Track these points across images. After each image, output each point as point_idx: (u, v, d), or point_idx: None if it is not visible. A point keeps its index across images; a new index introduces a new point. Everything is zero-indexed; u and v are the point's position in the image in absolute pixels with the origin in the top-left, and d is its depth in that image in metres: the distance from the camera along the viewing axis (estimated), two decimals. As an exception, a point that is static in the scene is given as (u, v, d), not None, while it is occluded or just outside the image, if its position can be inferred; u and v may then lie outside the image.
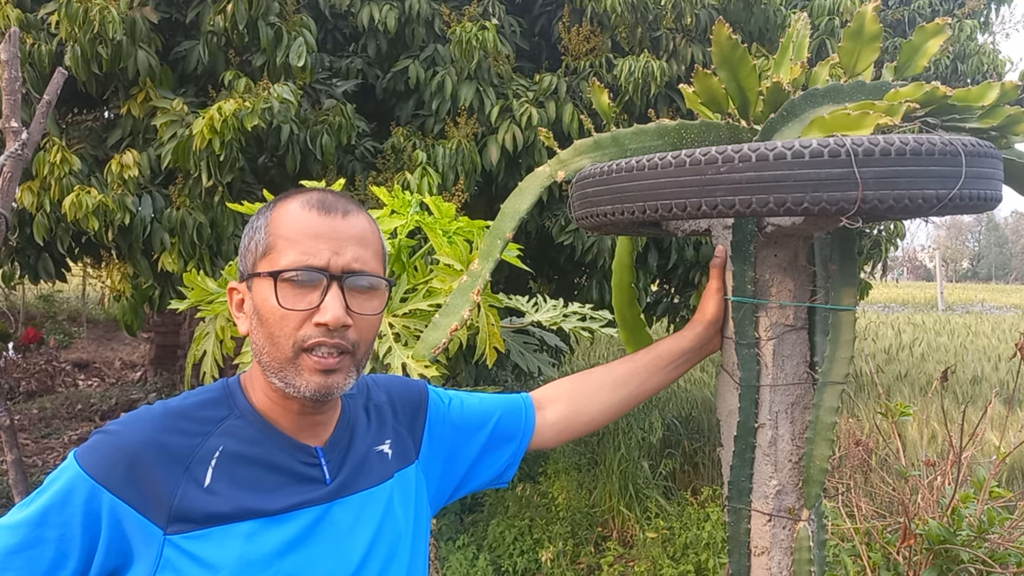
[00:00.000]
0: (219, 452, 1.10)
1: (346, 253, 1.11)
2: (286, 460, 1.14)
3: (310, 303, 1.08)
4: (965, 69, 5.63)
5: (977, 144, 1.19)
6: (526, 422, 1.48)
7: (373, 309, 1.14)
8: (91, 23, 3.46)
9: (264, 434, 1.14)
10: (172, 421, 1.10)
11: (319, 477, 1.16)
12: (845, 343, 1.43)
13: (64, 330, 12.21)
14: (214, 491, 1.07)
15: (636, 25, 4.59)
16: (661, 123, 1.46)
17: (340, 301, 1.09)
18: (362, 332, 1.13)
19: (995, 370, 9.48)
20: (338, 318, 1.08)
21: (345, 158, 4.48)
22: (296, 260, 1.08)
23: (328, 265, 1.09)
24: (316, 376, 1.09)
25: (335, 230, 1.11)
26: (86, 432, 7.36)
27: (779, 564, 1.47)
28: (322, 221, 1.11)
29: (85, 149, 3.97)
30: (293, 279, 1.08)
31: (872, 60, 1.40)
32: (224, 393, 1.17)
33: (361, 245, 1.13)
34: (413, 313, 2.38)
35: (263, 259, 1.11)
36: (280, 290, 1.08)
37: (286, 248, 1.10)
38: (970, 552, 2.47)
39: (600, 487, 5.32)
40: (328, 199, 1.14)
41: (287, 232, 1.10)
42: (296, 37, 3.89)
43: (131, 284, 4.33)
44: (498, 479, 1.48)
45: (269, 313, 1.09)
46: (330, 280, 1.09)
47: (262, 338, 1.11)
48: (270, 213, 1.14)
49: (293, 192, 1.17)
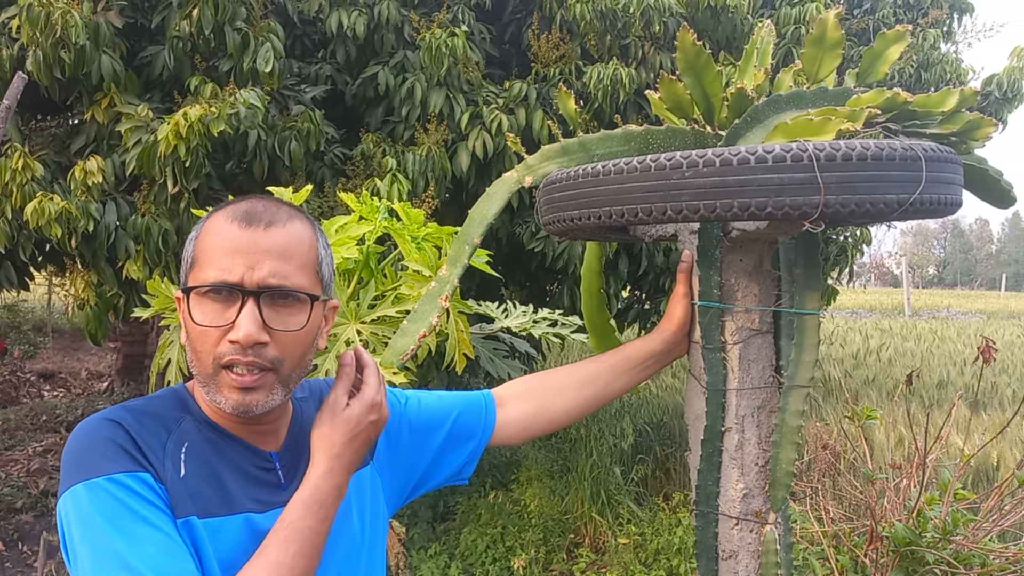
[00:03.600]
0: (186, 446, 1.10)
1: (262, 268, 1.07)
2: (243, 464, 1.14)
3: (227, 319, 1.07)
4: (929, 78, 5.72)
5: (937, 149, 1.21)
6: (486, 419, 1.48)
7: (296, 324, 1.11)
8: (53, 27, 3.40)
9: (220, 438, 1.14)
10: (136, 416, 1.10)
11: (275, 482, 1.16)
12: (810, 347, 1.44)
13: (29, 340, 11.97)
14: (190, 483, 1.07)
15: (605, 33, 4.61)
16: (627, 128, 1.47)
17: (254, 318, 1.06)
18: (285, 348, 1.10)
19: (960, 374, 9.63)
20: (250, 336, 1.05)
21: (314, 164, 4.45)
22: (213, 276, 1.07)
23: (242, 281, 1.06)
24: (234, 393, 1.08)
25: (253, 244, 1.08)
26: (51, 443, 7.23)
27: (747, 568, 1.48)
28: (240, 234, 1.08)
29: (48, 155, 3.91)
30: (210, 295, 1.07)
31: (834, 66, 1.41)
32: (177, 397, 1.17)
33: (282, 259, 1.09)
34: (381, 320, 2.36)
35: (190, 273, 1.11)
36: (199, 306, 1.08)
37: (206, 263, 1.08)
38: (935, 554, 2.49)
39: (572, 494, 5.32)
40: (256, 210, 1.11)
41: (208, 247, 1.09)
42: (263, 43, 3.86)
43: (95, 292, 4.27)
44: (457, 476, 1.48)
45: (191, 328, 1.09)
46: (245, 296, 1.07)
47: (189, 351, 1.11)
48: (201, 226, 1.13)
49: (226, 203, 1.15)
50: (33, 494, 5.92)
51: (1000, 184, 1.49)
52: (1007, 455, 5.37)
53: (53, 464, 6.57)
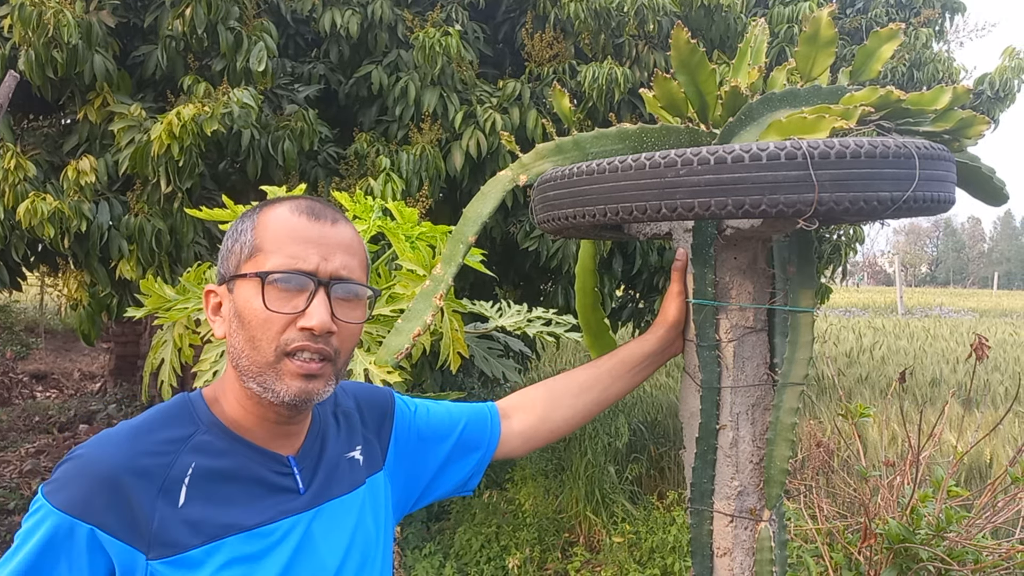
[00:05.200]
0: (191, 470, 1.07)
1: (334, 260, 1.10)
2: (259, 471, 1.13)
3: (295, 307, 1.07)
4: (921, 76, 5.74)
5: (930, 147, 1.21)
6: (492, 431, 1.48)
7: (357, 318, 1.14)
8: (45, 27, 3.39)
9: (234, 446, 1.12)
10: (140, 442, 1.07)
11: (293, 487, 1.15)
12: (804, 344, 1.44)
13: (21, 341, 11.94)
14: (190, 511, 1.05)
15: (599, 32, 4.62)
16: (622, 127, 1.47)
17: (326, 307, 1.08)
18: (344, 340, 1.12)
19: (953, 372, 9.66)
20: (324, 323, 1.07)
21: (308, 164, 4.44)
22: (284, 263, 1.08)
23: (317, 270, 1.09)
24: (297, 381, 1.08)
25: (324, 236, 1.11)
26: (43, 444, 7.20)
27: (741, 565, 1.48)
28: (311, 227, 1.10)
29: (40, 155, 3.89)
30: (280, 282, 1.07)
31: (828, 64, 1.42)
32: (187, 408, 1.14)
33: (349, 253, 1.13)
34: (376, 319, 2.36)
35: (249, 261, 1.10)
36: (267, 292, 1.07)
37: (274, 251, 1.09)
38: (929, 550, 2.50)
39: (567, 493, 5.32)
40: (317, 206, 1.13)
41: (276, 235, 1.10)
42: (256, 42, 3.85)
43: (88, 292, 4.25)
44: (462, 487, 1.48)
45: (252, 315, 1.07)
46: (317, 285, 1.08)
47: (242, 341, 1.09)
48: (257, 216, 1.13)
49: (281, 198, 1.16)
50: (26, 495, 5.90)
51: (992, 182, 1.50)
52: (1000, 452, 5.38)
53: (46, 465, 6.55)
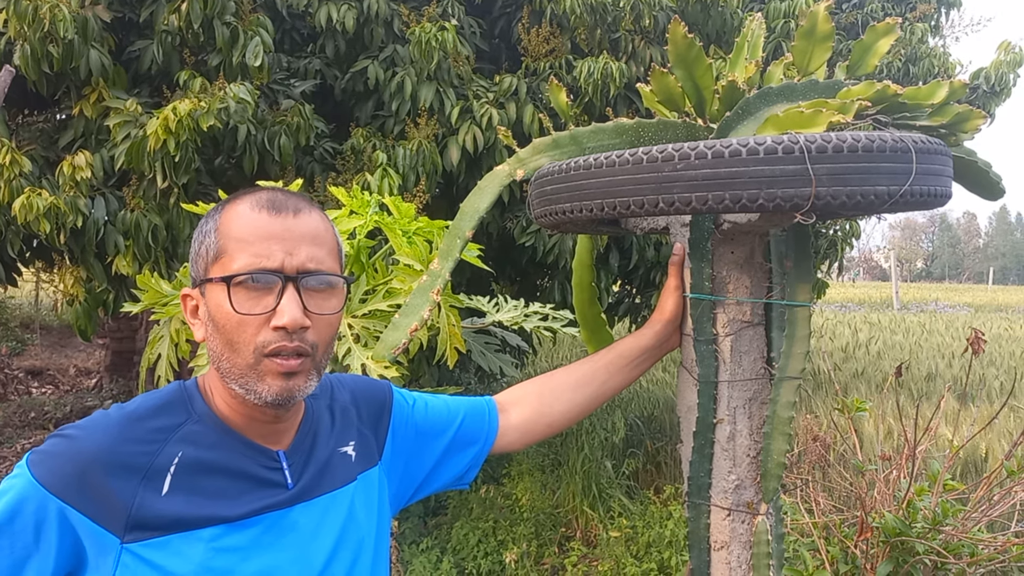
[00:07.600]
0: (177, 459, 1.07)
1: (300, 253, 1.08)
2: (247, 464, 1.12)
3: (266, 307, 1.05)
4: (917, 71, 5.75)
5: (927, 141, 1.21)
6: (489, 426, 1.48)
7: (331, 308, 1.12)
8: (41, 21, 3.38)
9: (224, 439, 1.12)
10: (129, 428, 1.07)
11: (281, 481, 1.14)
12: (801, 339, 1.44)
13: (17, 337, 11.92)
14: (172, 500, 1.05)
15: (595, 27, 4.61)
16: (619, 121, 1.47)
17: (297, 302, 1.06)
18: (321, 333, 1.10)
19: (948, 367, 9.68)
20: (296, 320, 1.05)
21: (304, 159, 4.44)
22: (249, 263, 1.05)
23: (282, 266, 1.06)
24: (278, 380, 1.06)
25: (287, 230, 1.08)
26: (40, 440, 7.17)
27: (738, 558, 1.48)
28: (273, 221, 1.08)
29: (36, 150, 3.88)
30: (247, 283, 1.05)
31: (825, 59, 1.42)
32: (181, 396, 1.14)
33: (315, 244, 1.10)
34: (373, 314, 2.36)
35: (215, 264, 1.08)
36: (234, 295, 1.05)
37: (237, 251, 1.06)
38: (925, 544, 2.51)
39: (564, 488, 5.33)
40: (278, 198, 1.10)
41: (237, 234, 1.07)
42: (252, 37, 3.84)
43: (84, 288, 4.24)
44: (459, 481, 1.48)
45: (225, 319, 1.06)
46: (285, 281, 1.06)
47: (220, 345, 1.08)
48: (219, 216, 1.11)
49: (242, 193, 1.13)
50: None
51: (989, 176, 1.50)
52: (995, 446, 5.40)
53: (42, 461, 6.53)
